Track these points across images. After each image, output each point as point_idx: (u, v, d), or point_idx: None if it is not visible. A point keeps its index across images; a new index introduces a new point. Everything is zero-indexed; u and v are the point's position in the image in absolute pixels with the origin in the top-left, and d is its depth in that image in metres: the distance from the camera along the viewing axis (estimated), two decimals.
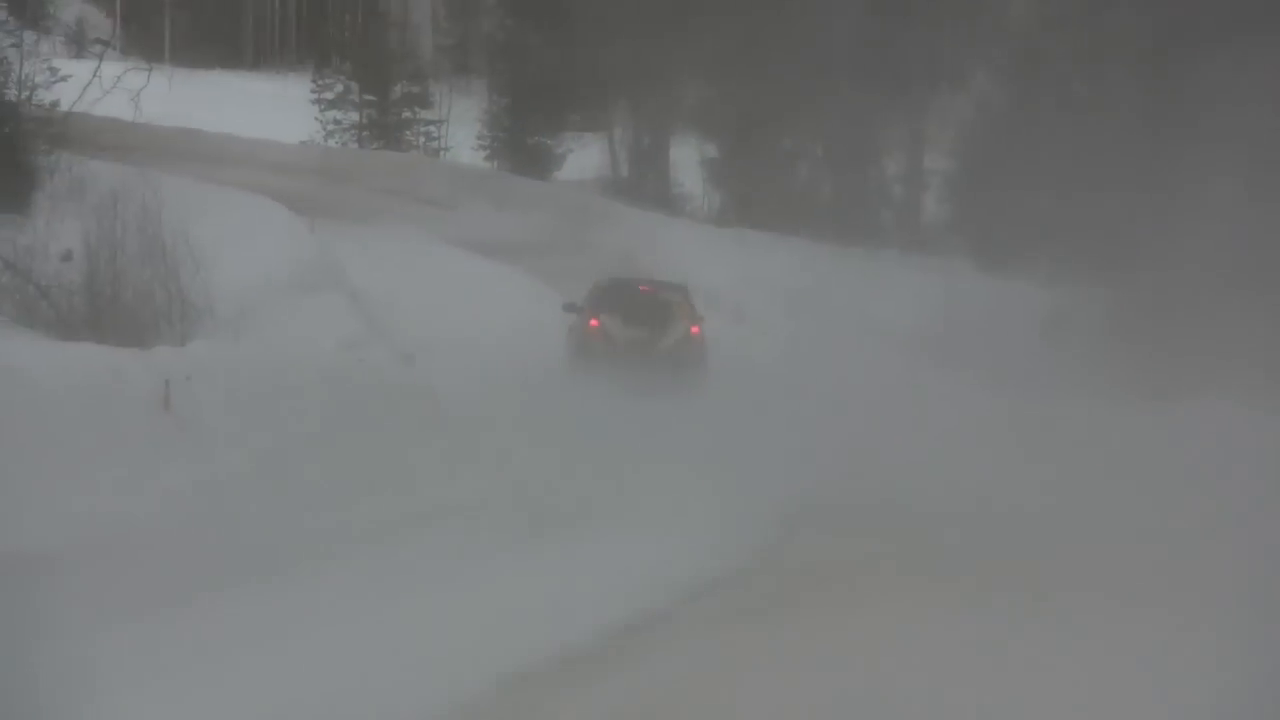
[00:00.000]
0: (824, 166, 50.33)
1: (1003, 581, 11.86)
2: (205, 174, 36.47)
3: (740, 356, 26.70)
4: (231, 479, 12.65)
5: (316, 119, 59.43)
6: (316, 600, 10.22)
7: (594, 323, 25.95)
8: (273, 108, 59.58)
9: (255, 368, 18.40)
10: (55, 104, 31.42)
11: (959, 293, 31.49)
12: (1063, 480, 17.57)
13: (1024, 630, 10.18)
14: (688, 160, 52.27)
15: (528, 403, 20.90)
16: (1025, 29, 41.27)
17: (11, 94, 31.04)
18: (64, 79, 32.41)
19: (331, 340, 20.75)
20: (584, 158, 56.33)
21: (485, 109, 59.10)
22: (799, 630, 10.42)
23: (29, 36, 36.64)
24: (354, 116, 60.07)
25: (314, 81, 61.38)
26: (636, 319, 26.05)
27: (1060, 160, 32.31)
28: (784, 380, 24.97)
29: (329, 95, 60.06)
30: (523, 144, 57.21)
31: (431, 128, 60.31)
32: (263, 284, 25.48)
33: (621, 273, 30.56)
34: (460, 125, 59.42)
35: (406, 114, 60.46)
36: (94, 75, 26.12)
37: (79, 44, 63.18)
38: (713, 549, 12.85)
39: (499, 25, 63.82)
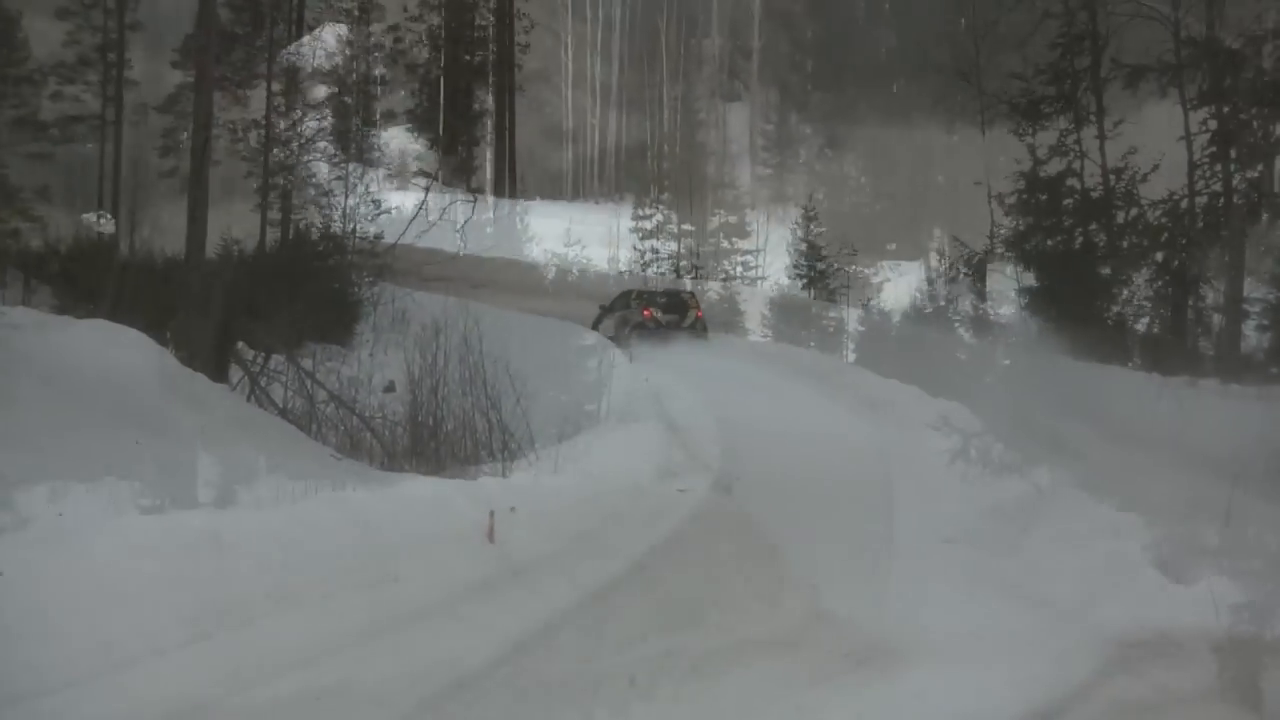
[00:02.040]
0: (1142, 294, 49.35)
1: None
2: (525, 304, 37.05)
3: (1050, 483, 26.20)
4: (555, 611, 12.59)
5: (635, 248, 60.20)
6: None
7: (646, 312, 43.80)
8: (592, 238, 60.44)
9: (577, 498, 18.42)
10: (379, 236, 32.13)
11: None
12: None
13: None
14: (1005, 288, 51.80)
15: (836, 528, 20.60)
16: None
17: (337, 227, 31.86)
18: (387, 211, 33.17)
19: (651, 470, 20.67)
20: (899, 285, 56.13)
21: (802, 237, 59.26)
22: None
23: (354, 170, 37.68)
24: (672, 246, 60.67)
25: (633, 211, 62.23)
26: (669, 309, 44.65)
27: None
28: (1093, 508, 24.41)
29: (648, 225, 60.79)
30: (838, 272, 57.16)
31: (749, 256, 60.73)
32: (582, 413, 25.62)
33: (640, 286, 51.18)
34: (777, 254, 59.69)
35: (724, 243, 60.98)
36: (419, 208, 26.63)
37: (402, 177, 64.68)
38: (1042, 681, 12.45)
39: (817, 154, 64.28)
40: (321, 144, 40.69)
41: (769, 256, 59.80)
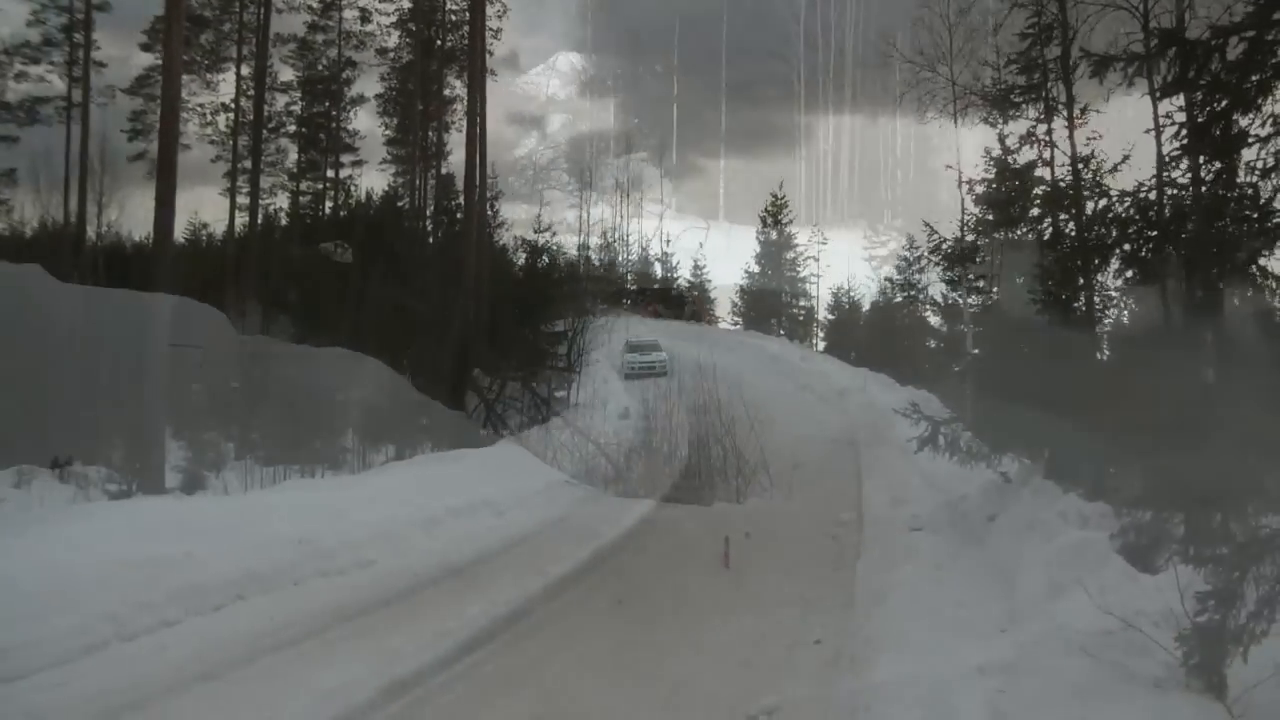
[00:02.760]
0: None
1: None
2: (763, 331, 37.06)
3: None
4: (780, 631, 12.54)
5: (869, 276, 59.94)
6: None
7: (652, 308, 43.90)
8: (827, 263, 60.25)
9: (807, 524, 18.37)
10: (611, 263, 32.25)
11: None
12: None
13: None
14: (1241, 311, 50.72)
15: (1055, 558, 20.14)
16: None
17: (571, 255, 32.03)
18: (620, 239, 33.16)
19: (884, 497, 20.52)
20: (1126, 311, 55.27)
21: (1034, 262, 58.66)
22: None
23: (587, 197, 37.85)
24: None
25: (866, 238, 61.93)
26: (668, 304, 45.65)
27: None
28: None
29: (882, 252, 60.48)
30: (1064, 296, 56.42)
31: (981, 282, 60.26)
32: (812, 440, 25.53)
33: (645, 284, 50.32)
34: (1009, 279, 59.20)
35: (957, 269, 60.56)
36: (655, 234, 26.76)
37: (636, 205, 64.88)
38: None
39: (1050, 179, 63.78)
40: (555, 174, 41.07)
41: (1000, 282, 59.33)
